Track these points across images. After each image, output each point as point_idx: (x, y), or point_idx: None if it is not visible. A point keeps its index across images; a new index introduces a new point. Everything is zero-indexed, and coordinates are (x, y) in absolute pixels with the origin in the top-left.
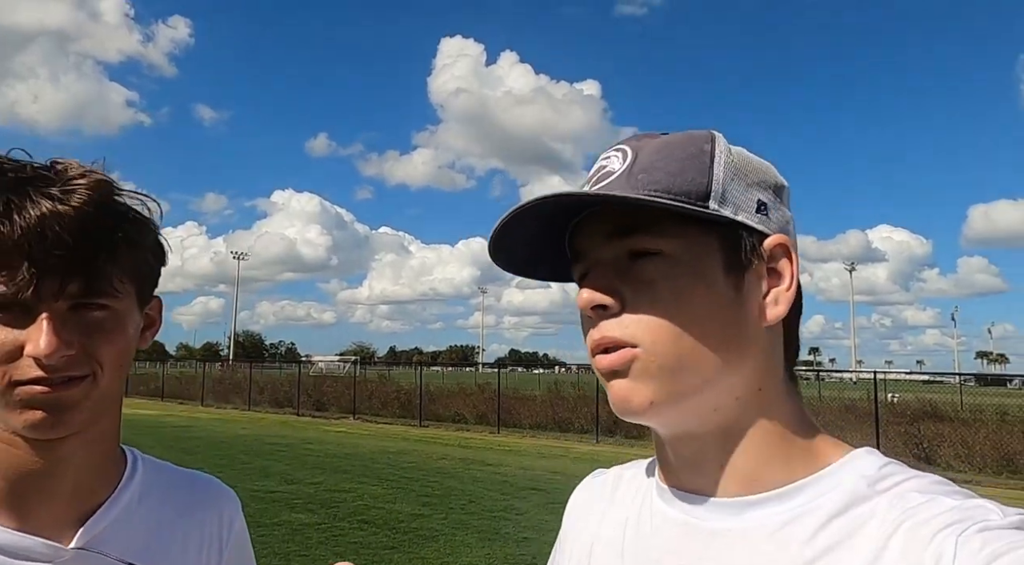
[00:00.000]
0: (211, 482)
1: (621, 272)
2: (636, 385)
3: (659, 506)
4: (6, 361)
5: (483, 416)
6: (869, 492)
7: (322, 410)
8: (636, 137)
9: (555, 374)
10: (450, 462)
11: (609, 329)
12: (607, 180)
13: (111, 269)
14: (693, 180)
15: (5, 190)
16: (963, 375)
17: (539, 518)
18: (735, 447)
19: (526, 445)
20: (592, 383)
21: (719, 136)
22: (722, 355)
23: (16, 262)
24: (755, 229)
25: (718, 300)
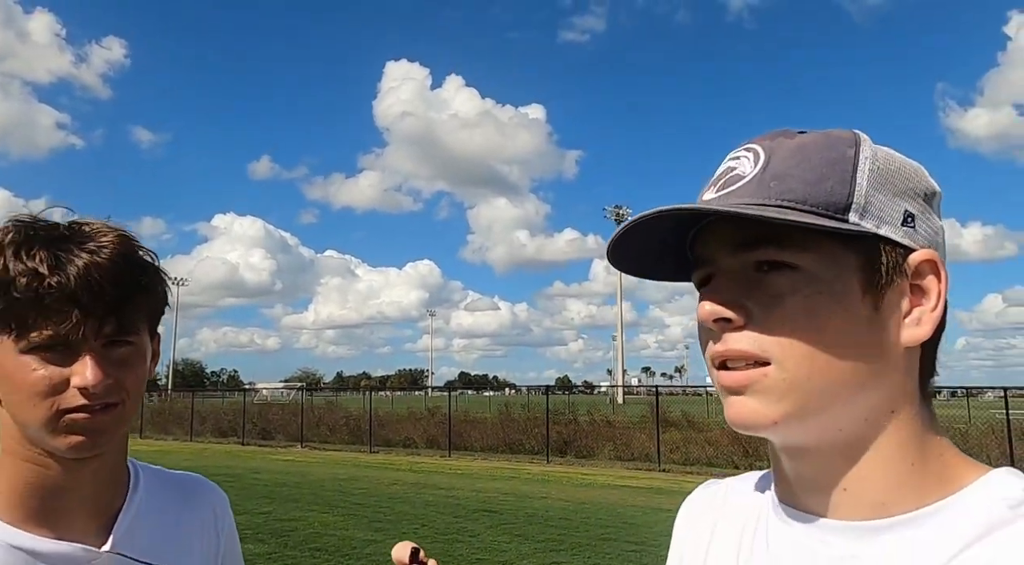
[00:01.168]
0: (200, 480)
1: (747, 284)
2: (761, 403)
3: (777, 525)
4: (54, 393)
5: (434, 440)
6: (1011, 516)
7: (268, 439)
8: (770, 135)
9: (505, 396)
10: (401, 487)
11: (736, 342)
12: (736, 185)
13: (135, 311)
14: (832, 190)
15: (49, 244)
16: None
17: (492, 539)
18: (861, 469)
19: (477, 468)
20: (542, 404)
21: (865, 138)
22: (855, 376)
23: (68, 308)
24: (900, 243)
25: (854, 320)
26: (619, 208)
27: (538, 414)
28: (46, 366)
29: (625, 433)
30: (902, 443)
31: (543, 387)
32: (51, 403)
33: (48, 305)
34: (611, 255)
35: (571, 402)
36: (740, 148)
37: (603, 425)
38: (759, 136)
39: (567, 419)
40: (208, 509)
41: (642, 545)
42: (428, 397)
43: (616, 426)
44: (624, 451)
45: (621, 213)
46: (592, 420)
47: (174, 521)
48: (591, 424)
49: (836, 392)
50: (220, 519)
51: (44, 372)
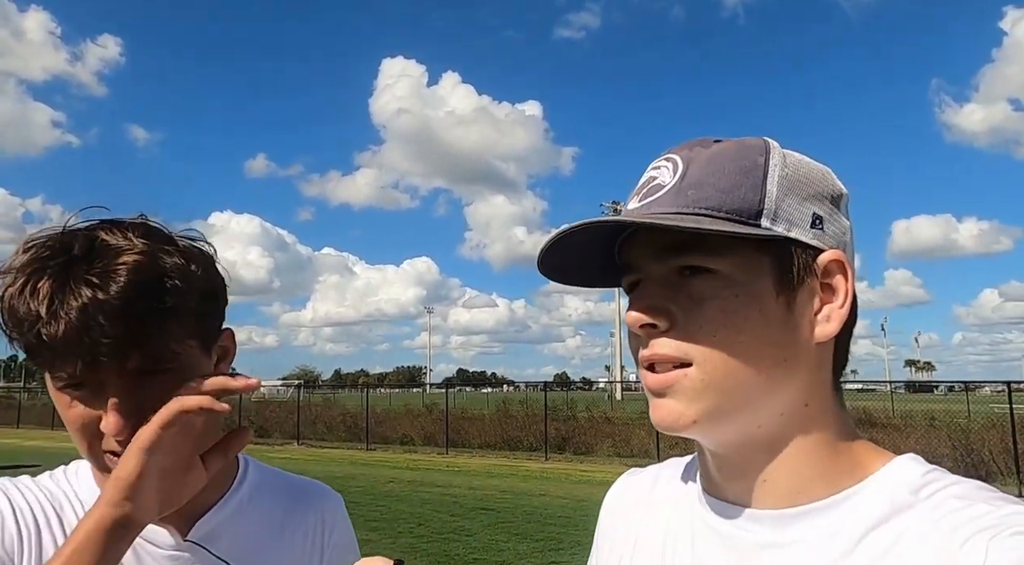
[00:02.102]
0: (314, 485)
1: (671, 289)
2: (681, 403)
3: (701, 515)
4: (89, 432)
5: (431, 437)
6: (911, 499)
7: (264, 436)
8: (688, 145)
9: (503, 393)
10: (398, 485)
11: (660, 346)
12: (656, 195)
13: (165, 336)
14: (745, 197)
15: (57, 274)
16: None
17: (489, 538)
18: (778, 461)
19: (475, 465)
20: (540, 401)
21: (774, 146)
22: (771, 373)
23: (71, 355)
24: (809, 245)
25: (769, 320)
26: (616, 204)
27: (536, 411)
28: (78, 404)
29: (624, 430)
30: (815, 435)
31: (541, 384)
32: (89, 442)
33: (54, 350)
34: (542, 265)
35: (569, 399)
36: (661, 157)
37: (602, 422)
38: (679, 145)
39: (565, 416)
40: (316, 517)
41: None
42: (426, 394)
43: (615, 422)
44: (623, 447)
45: (618, 209)
46: (591, 417)
47: (274, 524)
48: (590, 421)
49: (753, 390)
50: (329, 531)
51: (77, 410)
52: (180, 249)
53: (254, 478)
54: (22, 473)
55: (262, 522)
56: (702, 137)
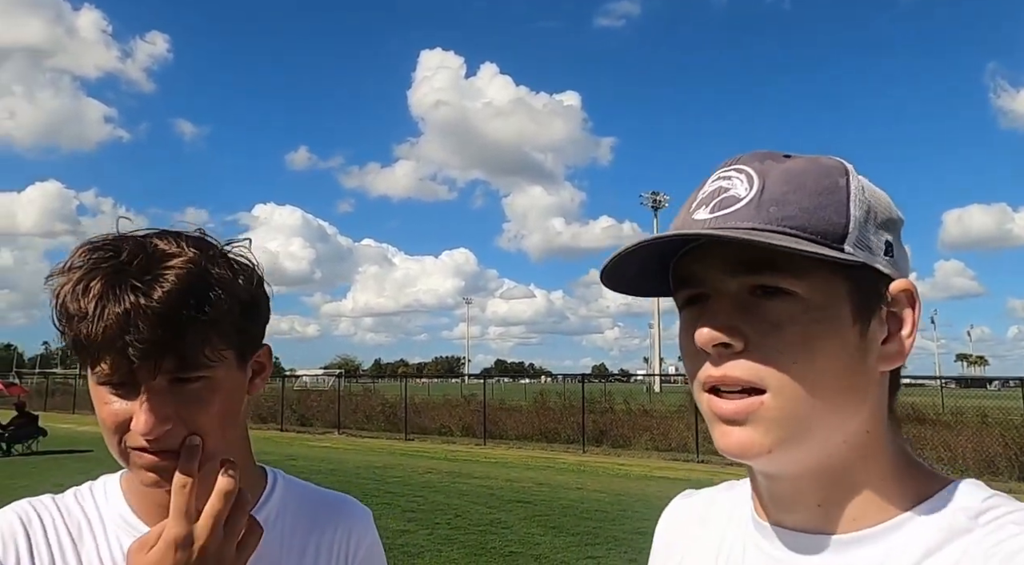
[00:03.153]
0: (344, 501)
1: (744, 309)
2: (757, 432)
3: (755, 540)
4: (121, 429)
5: (469, 428)
6: (969, 525)
7: (306, 425)
8: (758, 157)
9: (541, 384)
10: (436, 476)
11: (733, 369)
12: (732, 208)
13: (203, 344)
14: (830, 219)
15: (103, 279)
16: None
17: (525, 532)
18: (836, 488)
19: (512, 456)
20: (578, 393)
21: (852, 168)
22: (843, 402)
23: (108, 354)
24: (882, 273)
25: (846, 347)
26: (655, 194)
27: (574, 403)
28: (114, 401)
29: (662, 423)
30: (874, 460)
31: (579, 375)
32: (119, 438)
33: (99, 346)
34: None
35: (607, 391)
36: (728, 167)
37: (640, 414)
38: (745, 156)
39: (603, 408)
40: (343, 532)
41: None
42: (464, 385)
43: (653, 415)
44: (661, 441)
45: (658, 199)
46: (629, 409)
47: (300, 540)
48: (628, 413)
49: (826, 418)
50: (355, 545)
51: (112, 407)
52: (229, 262)
53: (279, 495)
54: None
55: (287, 540)
56: (769, 150)
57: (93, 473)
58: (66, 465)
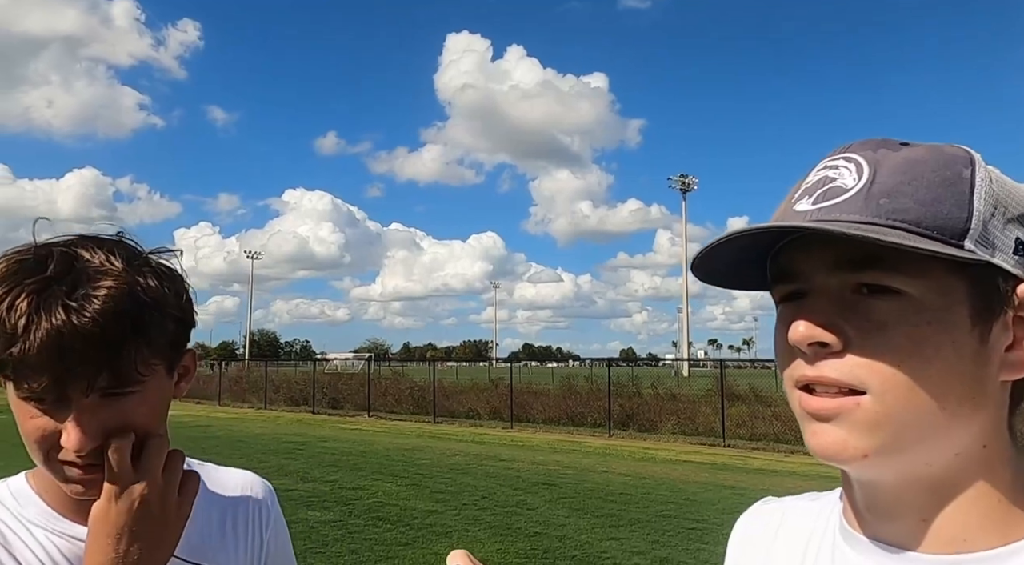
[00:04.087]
0: (247, 476)
1: (846, 307)
2: (851, 435)
3: (844, 552)
4: (48, 444)
5: (496, 411)
6: None
7: (337, 408)
8: (871, 145)
9: (568, 368)
10: (463, 458)
11: (829, 369)
12: (839, 198)
13: (136, 358)
14: (949, 213)
15: (31, 294)
16: None
17: (550, 513)
18: (945, 504)
19: (538, 440)
20: (605, 377)
21: (979, 158)
22: (954, 411)
23: (39, 369)
24: (1010, 273)
25: (961, 353)
26: (684, 177)
27: (601, 386)
28: (40, 416)
29: (689, 407)
30: (990, 478)
31: (606, 359)
32: (45, 454)
33: (23, 365)
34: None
35: (635, 375)
36: (837, 156)
37: (667, 398)
38: (857, 143)
39: (630, 392)
40: (253, 505)
41: (704, 523)
42: (492, 368)
43: (680, 400)
44: (688, 425)
45: (687, 182)
46: (656, 393)
47: (218, 519)
48: (655, 397)
49: (932, 427)
50: (265, 516)
51: (38, 422)
52: (156, 272)
53: None
54: None
55: (206, 521)
56: (885, 137)
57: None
58: None
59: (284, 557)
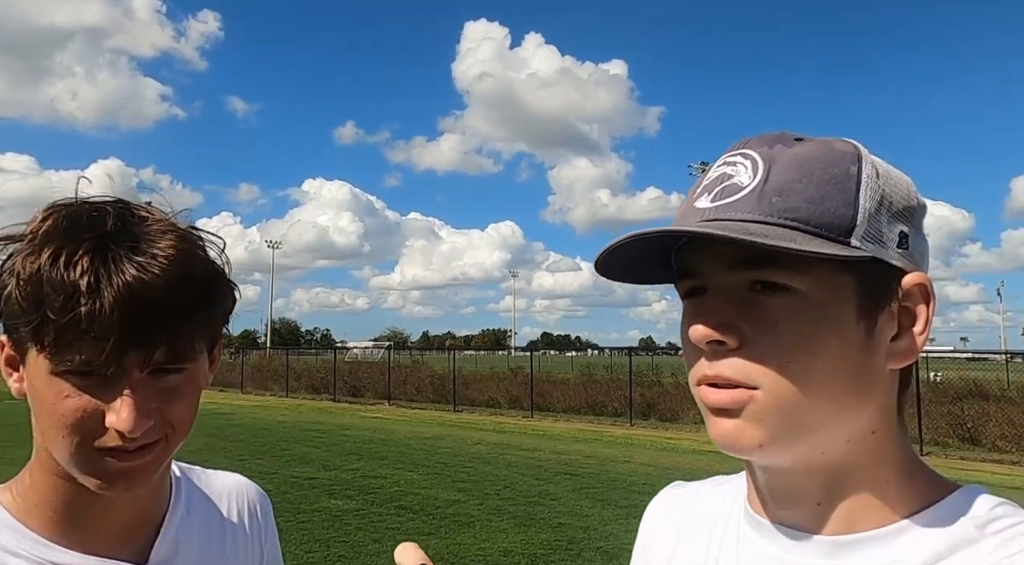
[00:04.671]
0: (241, 482)
1: (741, 304)
2: (747, 426)
3: (749, 535)
4: (86, 428)
5: (516, 400)
6: (976, 535)
7: (358, 396)
8: (767, 141)
9: (588, 357)
10: (485, 447)
11: (726, 368)
12: (734, 196)
13: (191, 334)
14: (836, 210)
15: (96, 248)
16: (1010, 353)
17: (574, 503)
18: (838, 487)
19: (560, 429)
20: (625, 366)
21: (865, 153)
22: (844, 401)
23: (105, 334)
24: (894, 266)
25: (848, 346)
26: (704, 165)
27: (621, 376)
28: (80, 395)
29: None
30: (879, 462)
31: (626, 348)
32: (81, 439)
33: (85, 329)
34: (601, 266)
35: (655, 364)
36: (735, 151)
37: (688, 388)
38: (755, 139)
39: (651, 381)
40: (251, 513)
41: None
42: (511, 357)
43: None
44: None
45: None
46: (677, 383)
47: (218, 532)
48: (676, 387)
49: (823, 418)
50: (263, 527)
51: (77, 401)
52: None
53: (187, 485)
54: None
55: (207, 530)
56: (781, 132)
57: None
58: None
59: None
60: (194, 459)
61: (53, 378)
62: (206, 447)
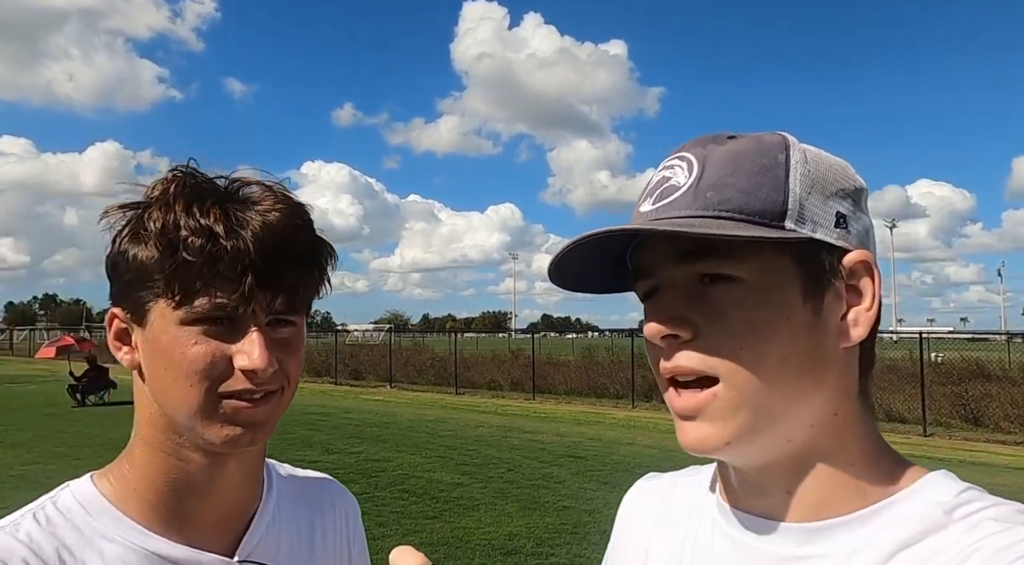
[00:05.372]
0: (332, 484)
1: (692, 297)
2: (712, 426)
3: (721, 526)
4: (214, 373)
5: (518, 382)
6: (944, 520)
7: (359, 379)
8: (701, 142)
9: (588, 339)
10: (487, 430)
11: (683, 359)
12: (672, 196)
13: (306, 284)
14: (768, 197)
15: (221, 200)
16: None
17: (578, 486)
18: (805, 474)
19: (561, 412)
20: (627, 348)
21: (793, 142)
22: (800, 384)
23: (241, 275)
24: (835, 246)
25: (797, 328)
26: None
27: (622, 358)
28: (208, 340)
29: None
30: (844, 444)
31: (627, 330)
32: (209, 384)
33: (220, 271)
34: (553, 274)
35: None
36: (672, 156)
37: None
38: (690, 142)
39: None
40: (341, 515)
41: None
42: (512, 340)
43: None
44: None
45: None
46: None
47: (307, 527)
48: None
49: (784, 404)
50: (352, 525)
51: (205, 347)
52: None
53: (278, 480)
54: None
55: (295, 529)
56: (715, 133)
57: None
58: None
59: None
60: None
61: (181, 328)
62: None
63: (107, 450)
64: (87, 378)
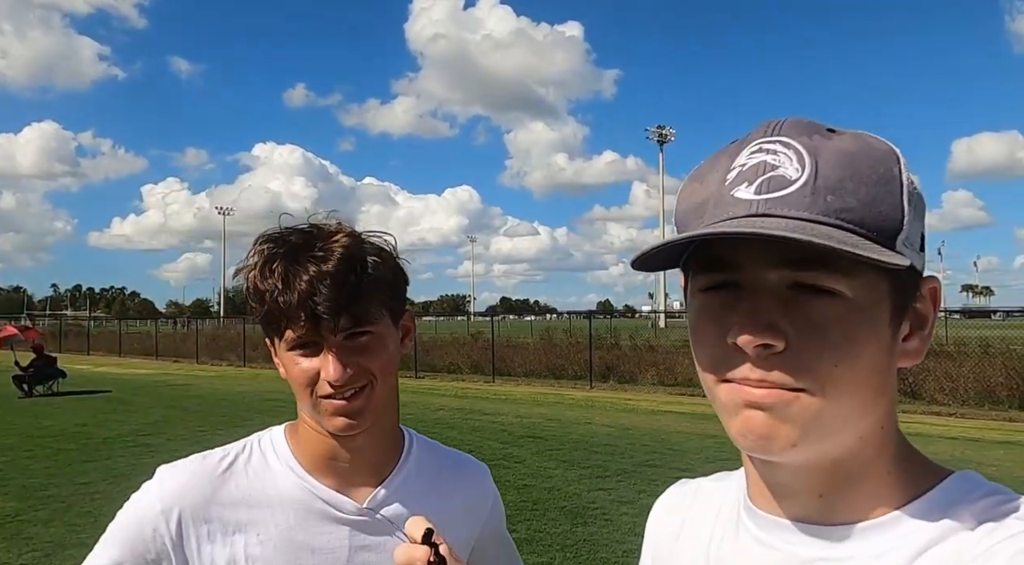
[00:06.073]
0: (469, 461)
1: (783, 305)
2: (786, 425)
3: (749, 528)
4: (312, 383)
5: (478, 365)
6: (968, 520)
7: None
8: (804, 131)
9: (547, 321)
10: (448, 412)
11: (772, 373)
12: (785, 191)
13: (367, 304)
14: (886, 214)
15: (283, 260)
16: (948, 310)
17: (538, 465)
18: (842, 480)
19: (521, 393)
20: (583, 329)
21: (900, 153)
22: (873, 402)
23: (300, 316)
24: (918, 271)
25: (881, 348)
26: (661, 129)
27: (580, 339)
28: (302, 360)
29: (668, 358)
30: (883, 454)
31: (585, 312)
32: (311, 391)
33: (288, 314)
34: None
35: (613, 327)
36: (771, 138)
37: (645, 350)
38: (788, 126)
39: (609, 344)
40: (478, 497)
41: (688, 472)
42: (471, 323)
43: (659, 351)
44: (667, 376)
45: (664, 134)
46: (634, 345)
47: (437, 497)
48: (633, 349)
49: (852, 418)
50: (488, 509)
51: (302, 366)
52: (368, 239)
53: (415, 456)
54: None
55: (424, 496)
56: (807, 120)
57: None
58: (88, 404)
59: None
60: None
61: (287, 353)
62: (164, 419)
63: (61, 441)
64: (34, 368)
